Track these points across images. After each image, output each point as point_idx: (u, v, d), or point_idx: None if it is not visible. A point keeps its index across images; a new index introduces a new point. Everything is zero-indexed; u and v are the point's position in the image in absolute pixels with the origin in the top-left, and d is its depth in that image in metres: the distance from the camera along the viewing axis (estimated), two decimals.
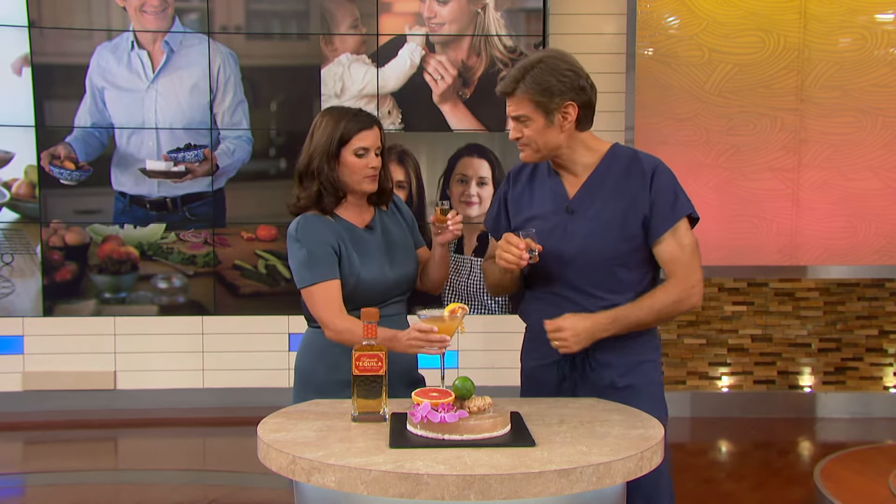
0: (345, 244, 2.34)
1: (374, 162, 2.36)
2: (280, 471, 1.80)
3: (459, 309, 2.09)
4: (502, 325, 5.23)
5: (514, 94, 2.22)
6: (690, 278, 2.24)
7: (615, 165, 2.28)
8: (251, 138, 5.24)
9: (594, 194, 2.27)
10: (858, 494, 3.85)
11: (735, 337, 5.29)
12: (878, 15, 5.21)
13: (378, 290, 2.36)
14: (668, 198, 2.24)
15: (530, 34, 5.19)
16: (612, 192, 2.26)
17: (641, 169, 2.26)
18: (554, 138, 2.23)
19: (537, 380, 2.37)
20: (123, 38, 5.15)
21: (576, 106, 2.21)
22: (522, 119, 2.22)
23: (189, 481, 4.24)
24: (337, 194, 2.36)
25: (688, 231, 2.27)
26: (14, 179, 5.17)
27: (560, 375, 2.31)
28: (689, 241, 2.26)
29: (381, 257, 2.39)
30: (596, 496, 1.77)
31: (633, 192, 2.24)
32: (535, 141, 2.23)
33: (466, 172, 5.23)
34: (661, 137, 5.14)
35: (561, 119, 2.21)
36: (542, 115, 2.20)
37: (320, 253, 2.30)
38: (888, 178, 5.26)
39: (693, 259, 2.25)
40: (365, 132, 2.34)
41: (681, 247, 2.24)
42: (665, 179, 2.26)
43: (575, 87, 2.21)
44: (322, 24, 5.20)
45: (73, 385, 5.21)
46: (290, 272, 2.41)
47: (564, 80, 2.19)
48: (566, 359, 2.29)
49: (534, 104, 2.20)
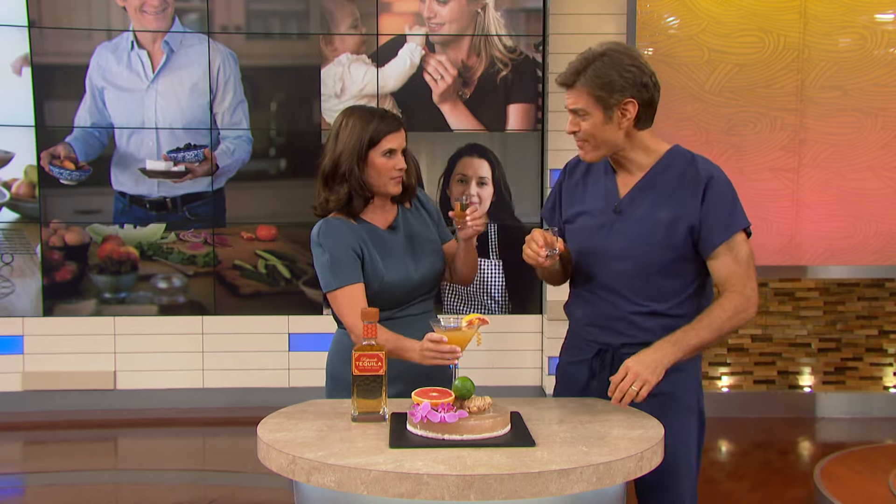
0: (367, 247, 2.32)
1: (401, 163, 2.34)
2: (280, 471, 1.80)
3: (477, 320, 2.05)
4: (502, 326, 5.23)
5: (573, 87, 2.17)
6: (746, 289, 2.16)
7: (671, 169, 2.22)
8: (251, 138, 5.24)
9: (645, 196, 2.21)
10: (858, 494, 3.84)
11: (735, 337, 5.28)
12: (878, 15, 5.21)
13: (403, 290, 2.35)
14: (722, 210, 2.16)
15: (530, 34, 5.19)
16: (663, 197, 2.19)
17: (696, 176, 2.18)
18: (612, 135, 2.18)
19: (568, 376, 2.34)
20: (123, 38, 5.15)
21: (636, 103, 2.16)
22: (580, 113, 2.17)
23: (189, 481, 4.24)
24: (365, 196, 2.34)
25: (744, 242, 2.18)
26: (14, 179, 5.17)
27: (590, 374, 2.28)
28: (746, 253, 2.17)
29: (406, 257, 2.37)
30: (596, 496, 1.77)
31: (685, 199, 2.17)
32: (592, 136, 2.18)
33: (466, 172, 5.23)
34: (661, 137, 5.08)
35: (620, 116, 2.16)
36: (601, 111, 2.15)
37: (343, 257, 2.28)
38: (888, 178, 5.26)
39: (749, 270, 2.17)
40: (393, 134, 2.32)
41: (737, 261, 2.16)
42: (720, 190, 2.17)
43: (637, 83, 2.16)
44: (322, 23, 5.20)
45: (73, 385, 5.21)
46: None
47: (627, 76, 2.14)
48: (597, 356, 2.26)
49: (593, 98, 2.14)
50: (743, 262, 2.16)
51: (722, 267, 2.17)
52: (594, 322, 2.28)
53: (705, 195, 2.16)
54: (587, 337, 2.30)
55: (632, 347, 2.18)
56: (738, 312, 2.15)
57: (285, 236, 5.28)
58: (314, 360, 5.23)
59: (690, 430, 2.25)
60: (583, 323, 2.31)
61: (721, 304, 2.15)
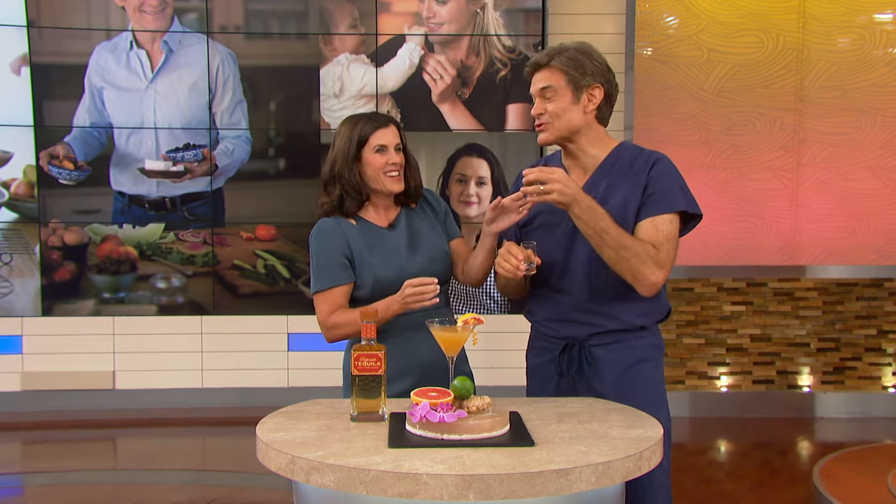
0: (356, 245, 2.37)
1: (394, 158, 2.40)
2: (279, 471, 1.80)
3: (473, 320, 2.07)
4: (501, 325, 5.23)
5: (547, 66, 2.28)
6: (661, 257, 2.16)
7: (620, 160, 2.30)
8: (250, 138, 5.24)
9: (598, 189, 2.27)
10: (857, 494, 3.85)
11: (734, 337, 5.29)
12: (877, 15, 5.21)
13: (399, 286, 2.35)
14: (662, 188, 2.22)
15: (529, 34, 5.19)
16: (613, 185, 2.26)
17: (645, 160, 2.27)
18: (576, 118, 2.27)
19: (539, 376, 2.37)
20: (122, 38, 5.15)
21: (602, 91, 2.28)
22: (549, 92, 2.27)
23: (188, 481, 4.24)
24: (360, 197, 2.41)
25: (670, 221, 2.20)
26: (13, 179, 5.17)
27: (558, 371, 2.31)
28: (668, 228, 2.19)
29: (402, 254, 2.40)
30: (595, 496, 1.77)
31: (633, 182, 2.25)
32: (557, 117, 2.27)
33: (465, 172, 5.23)
34: (661, 137, 5.14)
35: (587, 100, 2.27)
36: (571, 91, 2.26)
37: (325, 262, 2.37)
38: (887, 177, 5.26)
39: (667, 245, 2.18)
40: (381, 130, 2.40)
41: (656, 229, 2.19)
42: (663, 169, 2.25)
43: (605, 73, 2.29)
44: (321, 23, 5.20)
45: (72, 385, 5.21)
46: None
47: (597, 64, 2.28)
48: (563, 355, 2.29)
49: (566, 77, 2.26)
50: (662, 233, 2.18)
51: (640, 230, 2.20)
52: (555, 317, 2.32)
53: (650, 173, 2.24)
54: (551, 334, 2.34)
55: (599, 337, 2.25)
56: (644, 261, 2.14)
57: (284, 236, 5.28)
58: (313, 360, 5.25)
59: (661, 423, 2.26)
60: (544, 320, 2.35)
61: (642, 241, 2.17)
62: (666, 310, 2.34)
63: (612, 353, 2.27)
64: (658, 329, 2.35)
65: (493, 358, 5.23)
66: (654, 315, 2.31)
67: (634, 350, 2.28)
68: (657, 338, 2.34)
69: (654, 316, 2.31)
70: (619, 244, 2.14)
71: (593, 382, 2.27)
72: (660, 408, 2.27)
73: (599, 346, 2.27)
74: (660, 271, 2.17)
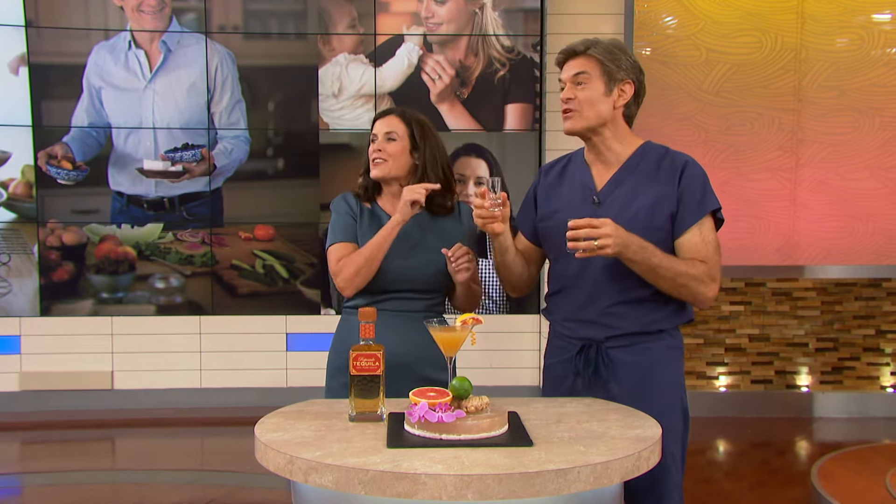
0: (362, 227, 2.49)
1: (380, 146, 2.50)
2: (277, 471, 1.79)
3: (471, 320, 2.06)
4: (500, 326, 5.24)
5: (584, 54, 2.26)
6: (713, 271, 2.20)
7: (646, 160, 2.27)
8: (249, 138, 5.24)
9: (622, 186, 2.25)
10: (856, 494, 3.85)
11: (732, 336, 5.29)
12: (876, 15, 5.21)
13: (388, 276, 2.42)
14: (695, 193, 2.21)
15: (528, 34, 5.19)
16: (641, 186, 2.24)
17: (672, 164, 2.25)
18: (605, 109, 2.25)
19: (555, 376, 2.35)
20: (121, 38, 5.14)
21: (633, 88, 2.26)
22: (584, 77, 2.24)
23: (187, 481, 4.24)
24: (375, 184, 2.56)
25: (712, 229, 2.24)
26: (11, 179, 5.17)
27: (574, 372, 2.28)
28: (713, 238, 2.23)
29: (395, 248, 2.42)
30: (594, 496, 1.77)
31: (663, 186, 2.22)
32: (587, 105, 2.24)
33: (464, 172, 5.23)
34: (659, 137, 5.09)
35: (618, 94, 2.25)
36: (604, 81, 2.24)
37: (338, 222, 2.52)
38: (885, 177, 5.26)
39: (716, 256, 2.22)
40: (378, 121, 2.54)
41: (704, 242, 2.21)
42: (694, 175, 2.24)
43: (637, 72, 2.28)
44: (320, 23, 5.20)
45: (71, 385, 5.21)
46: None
47: (631, 61, 2.28)
48: (580, 356, 2.27)
49: (602, 68, 2.24)
50: (710, 244, 2.22)
51: (689, 242, 2.21)
52: (573, 317, 2.29)
53: (681, 179, 2.23)
54: (568, 334, 2.31)
55: (616, 340, 2.22)
56: (700, 283, 2.17)
57: (283, 236, 5.28)
58: (312, 360, 5.25)
59: (676, 425, 2.24)
60: (562, 320, 2.33)
61: (692, 262, 2.19)
62: (689, 316, 2.31)
63: (630, 355, 2.23)
64: (678, 330, 2.32)
65: (491, 358, 5.23)
66: (675, 319, 2.27)
67: (653, 352, 2.24)
68: (676, 339, 2.30)
69: (675, 320, 2.27)
70: (675, 273, 2.15)
71: (610, 384, 2.24)
72: (678, 409, 2.25)
73: (617, 349, 2.24)
74: (714, 284, 2.19)
